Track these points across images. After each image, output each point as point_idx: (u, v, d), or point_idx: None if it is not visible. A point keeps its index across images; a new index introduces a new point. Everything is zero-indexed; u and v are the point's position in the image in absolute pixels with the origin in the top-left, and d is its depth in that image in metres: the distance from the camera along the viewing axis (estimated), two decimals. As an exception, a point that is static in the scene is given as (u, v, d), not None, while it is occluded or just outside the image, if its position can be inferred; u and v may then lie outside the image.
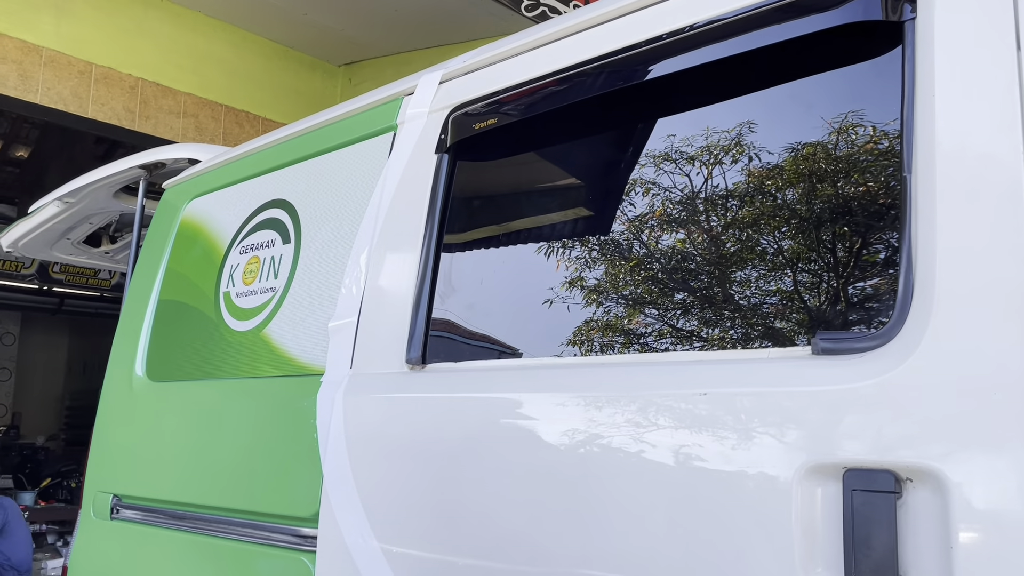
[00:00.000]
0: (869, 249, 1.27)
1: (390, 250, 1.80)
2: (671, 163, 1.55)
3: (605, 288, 1.69)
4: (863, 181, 1.29)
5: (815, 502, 1.07)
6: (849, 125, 1.28)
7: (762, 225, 1.41)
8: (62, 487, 8.89)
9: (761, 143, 1.39)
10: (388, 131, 1.96)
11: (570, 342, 1.74)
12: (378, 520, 1.59)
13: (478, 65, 1.82)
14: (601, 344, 1.74)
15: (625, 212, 1.78)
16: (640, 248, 1.70)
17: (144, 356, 2.46)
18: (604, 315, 1.75)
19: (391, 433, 1.64)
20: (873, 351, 1.08)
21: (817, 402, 1.10)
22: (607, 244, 1.82)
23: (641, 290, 1.69)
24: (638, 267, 1.72)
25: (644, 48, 1.49)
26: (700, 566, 1.15)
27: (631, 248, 1.73)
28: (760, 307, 1.39)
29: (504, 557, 1.39)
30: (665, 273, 1.67)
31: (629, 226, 1.75)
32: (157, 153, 2.89)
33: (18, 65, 4.77)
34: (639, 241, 1.71)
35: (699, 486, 1.18)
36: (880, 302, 1.21)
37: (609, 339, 1.74)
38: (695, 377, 1.24)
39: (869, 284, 1.26)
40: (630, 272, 1.62)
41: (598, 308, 1.77)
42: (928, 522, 0.99)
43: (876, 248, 1.26)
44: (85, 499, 2.46)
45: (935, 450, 1.00)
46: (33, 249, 3.78)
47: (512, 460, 1.42)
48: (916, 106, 1.12)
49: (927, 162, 1.09)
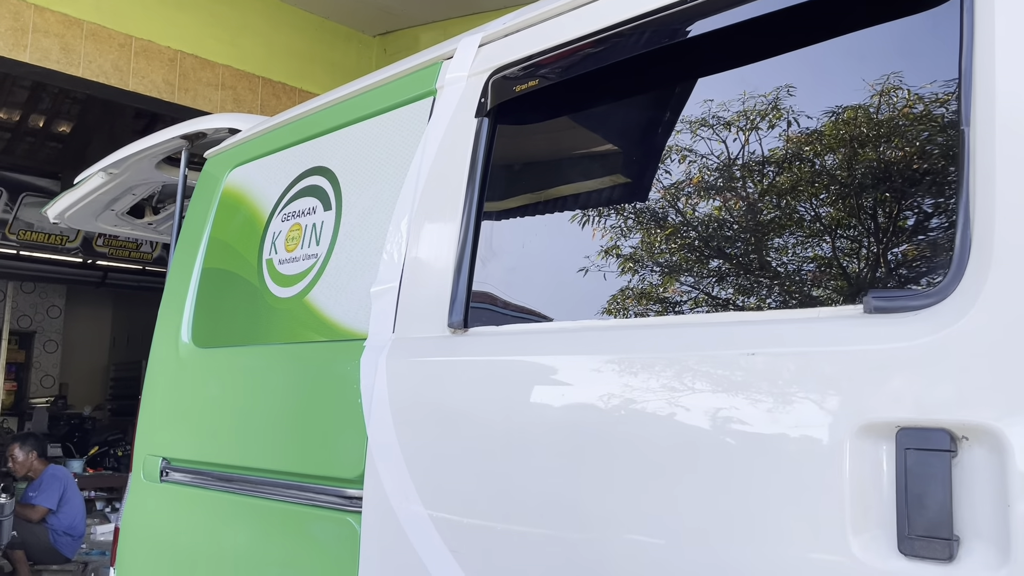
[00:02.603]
0: (924, 205, 1.24)
1: (431, 215, 1.80)
2: (717, 123, 1.52)
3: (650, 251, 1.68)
4: (918, 135, 1.25)
5: (868, 462, 1.05)
6: (905, 78, 1.24)
7: (812, 183, 1.38)
8: (109, 455, 9.14)
9: (813, 101, 1.35)
10: (428, 96, 1.95)
11: (613, 305, 1.73)
12: (421, 482, 1.61)
13: (518, 27, 1.80)
14: (646, 306, 1.73)
15: (668, 174, 1.76)
16: (686, 210, 1.68)
17: (190, 323, 2.50)
18: (649, 277, 1.74)
19: (433, 396, 1.65)
20: (928, 309, 1.06)
21: (868, 361, 1.08)
22: (650, 207, 1.80)
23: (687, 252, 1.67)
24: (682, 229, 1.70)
25: (687, 5, 1.46)
26: (749, 528, 1.15)
27: (676, 210, 1.71)
28: (810, 266, 1.37)
29: (546, 520, 1.39)
30: (713, 235, 1.65)
31: (673, 188, 1.73)
32: (198, 123, 2.92)
33: (60, 39, 4.83)
34: (684, 203, 1.69)
35: (748, 447, 1.17)
36: (935, 259, 1.18)
37: (653, 301, 1.72)
38: (743, 337, 1.22)
39: (924, 241, 1.23)
40: (674, 235, 1.60)
41: (643, 270, 1.75)
42: (984, 481, 0.97)
43: (931, 203, 1.23)
44: (135, 462, 2.52)
45: (992, 408, 0.98)
46: (78, 220, 3.84)
47: (555, 422, 1.42)
48: (975, 56, 1.09)
49: (986, 114, 1.06)
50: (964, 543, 0.98)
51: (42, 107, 7.57)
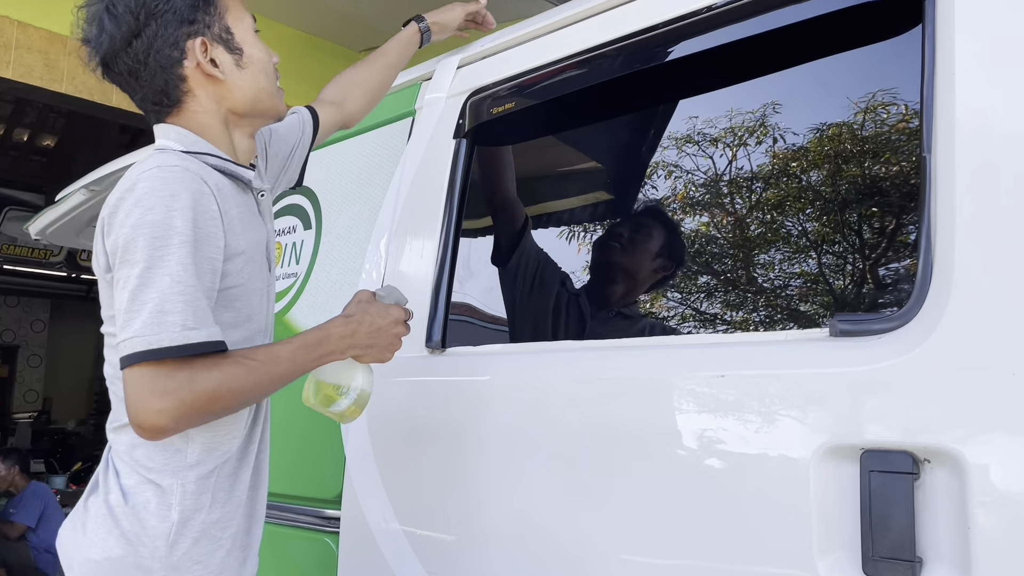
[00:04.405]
0: (887, 230, 1.26)
1: (409, 235, 1.82)
2: (690, 146, 1.54)
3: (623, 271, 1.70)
4: (881, 162, 1.28)
5: (832, 484, 1.07)
6: (868, 105, 1.27)
7: (778, 207, 1.40)
8: (92, 471, 9.05)
9: (780, 125, 1.38)
10: (407, 116, 1.97)
11: (589, 325, 1.74)
12: (399, 502, 1.62)
13: (496, 49, 1.82)
14: (619, 327, 1.75)
15: (643, 196, 1.78)
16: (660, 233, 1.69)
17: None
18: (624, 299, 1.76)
19: (411, 416, 1.66)
20: (891, 333, 1.07)
21: (834, 384, 1.10)
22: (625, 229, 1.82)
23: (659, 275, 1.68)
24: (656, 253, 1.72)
25: (661, 30, 1.48)
26: (716, 549, 1.16)
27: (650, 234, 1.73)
28: (777, 289, 1.39)
29: (524, 541, 1.40)
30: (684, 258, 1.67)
31: (647, 211, 1.75)
32: (180, 141, 2.92)
33: (44, 55, 4.82)
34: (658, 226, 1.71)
35: (715, 468, 1.18)
36: (898, 284, 1.20)
37: (627, 322, 1.74)
38: (712, 359, 1.24)
39: (887, 266, 1.25)
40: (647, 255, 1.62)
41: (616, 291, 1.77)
42: (946, 503, 0.99)
43: (894, 229, 1.25)
44: (114, 482, 2.51)
45: (953, 431, 0.99)
46: (60, 236, 3.84)
47: (533, 443, 1.43)
48: (936, 85, 1.11)
49: (947, 142, 1.08)
50: (927, 564, 0.99)
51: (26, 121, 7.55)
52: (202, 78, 1.33)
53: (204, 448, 1.28)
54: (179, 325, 1.14)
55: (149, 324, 1.13)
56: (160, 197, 1.17)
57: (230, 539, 1.31)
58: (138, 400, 1.14)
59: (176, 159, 1.23)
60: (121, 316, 1.17)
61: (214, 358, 1.17)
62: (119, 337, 1.17)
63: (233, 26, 1.37)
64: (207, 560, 1.27)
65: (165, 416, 1.13)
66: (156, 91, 1.33)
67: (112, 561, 1.23)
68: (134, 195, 1.19)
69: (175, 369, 1.14)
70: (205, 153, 1.31)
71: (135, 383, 1.14)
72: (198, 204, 1.20)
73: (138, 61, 1.30)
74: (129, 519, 1.23)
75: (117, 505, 1.25)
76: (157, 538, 1.23)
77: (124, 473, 1.28)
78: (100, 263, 1.27)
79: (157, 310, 1.14)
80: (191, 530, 1.25)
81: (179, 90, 1.33)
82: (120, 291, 1.18)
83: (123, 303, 1.16)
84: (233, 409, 1.24)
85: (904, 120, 1.26)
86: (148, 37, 1.29)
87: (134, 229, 1.17)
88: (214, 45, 1.34)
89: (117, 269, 1.20)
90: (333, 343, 1.31)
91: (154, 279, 1.15)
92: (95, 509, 1.28)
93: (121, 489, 1.26)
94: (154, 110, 1.35)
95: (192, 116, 1.34)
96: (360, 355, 1.35)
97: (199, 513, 1.26)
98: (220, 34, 1.35)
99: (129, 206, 1.18)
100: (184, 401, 1.13)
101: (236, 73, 1.36)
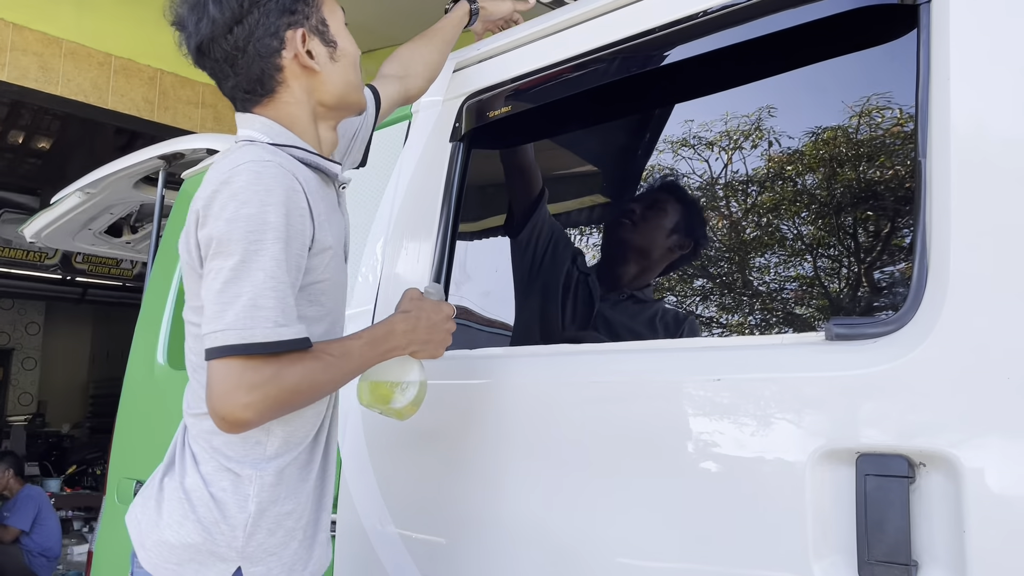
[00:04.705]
0: (883, 234, 1.27)
1: (406, 238, 1.82)
2: (686, 150, 1.55)
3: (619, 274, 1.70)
4: (877, 166, 1.28)
5: (828, 487, 1.07)
6: (864, 110, 1.27)
7: (775, 211, 1.41)
8: (87, 474, 9.03)
9: (776, 129, 1.38)
10: (403, 119, 1.97)
11: (586, 328, 1.74)
12: (395, 505, 1.61)
13: (492, 53, 1.82)
14: (616, 330, 1.75)
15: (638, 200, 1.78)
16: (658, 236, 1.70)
17: (165, 345, 2.49)
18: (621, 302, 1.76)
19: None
20: (887, 336, 1.08)
21: (830, 388, 1.10)
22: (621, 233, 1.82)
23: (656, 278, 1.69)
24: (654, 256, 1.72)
25: (658, 34, 1.49)
26: (712, 552, 1.16)
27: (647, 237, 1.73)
28: (773, 293, 1.39)
29: (518, 544, 1.40)
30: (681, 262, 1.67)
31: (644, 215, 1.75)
32: (176, 144, 2.92)
33: (39, 57, 4.82)
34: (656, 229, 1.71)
35: (711, 472, 1.18)
36: (894, 287, 1.20)
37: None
38: (709, 363, 1.24)
39: (883, 270, 1.25)
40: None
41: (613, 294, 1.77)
42: (941, 507, 0.99)
43: (890, 233, 1.26)
44: (109, 485, 2.50)
45: (948, 435, 1.00)
46: (56, 239, 3.83)
47: (527, 445, 1.43)
48: (931, 90, 1.11)
49: (942, 146, 1.09)
50: (922, 568, 0.99)
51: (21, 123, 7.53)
52: (298, 69, 1.34)
53: (283, 441, 1.30)
54: (271, 321, 1.15)
55: (242, 318, 1.14)
56: (255, 192, 1.18)
57: (302, 530, 1.33)
58: (224, 392, 1.14)
59: (268, 153, 1.23)
60: (211, 306, 1.17)
61: (298, 353, 1.19)
62: (205, 328, 1.17)
63: (328, 18, 1.38)
64: (280, 551, 1.29)
65: (251, 410, 1.14)
66: (251, 79, 1.32)
67: (189, 547, 1.24)
68: (229, 188, 1.18)
69: (263, 364, 1.15)
70: (292, 146, 1.31)
71: (222, 375, 1.14)
72: (290, 200, 1.20)
73: (237, 48, 1.30)
74: (207, 506, 1.25)
75: (194, 490, 1.26)
76: (235, 528, 1.24)
77: (202, 459, 1.28)
78: (192, 255, 1.26)
79: (250, 304, 1.14)
80: (266, 521, 1.27)
81: (274, 80, 1.33)
82: (211, 281, 1.18)
83: (213, 293, 1.17)
84: (309, 403, 1.26)
85: (899, 124, 1.27)
86: (250, 24, 1.29)
87: (229, 223, 1.17)
88: (311, 37, 1.35)
89: (209, 260, 1.20)
90: (397, 339, 1.33)
91: (248, 273, 1.15)
92: (170, 490, 1.29)
93: (200, 475, 1.27)
94: (244, 98, 1.35)
95: (283, 107, 1.34)
96: (417, 351, 1.37)
97: (275, 505, 1.28)
98: (317, 26, 1.36)
99: (224, 199, 1.18)
100: (269, 396, 1.15)
101: (329, 66, 1.37)
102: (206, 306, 1.18)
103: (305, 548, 1.34)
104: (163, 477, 1.32)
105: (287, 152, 1.28)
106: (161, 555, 1.26)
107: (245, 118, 1.35)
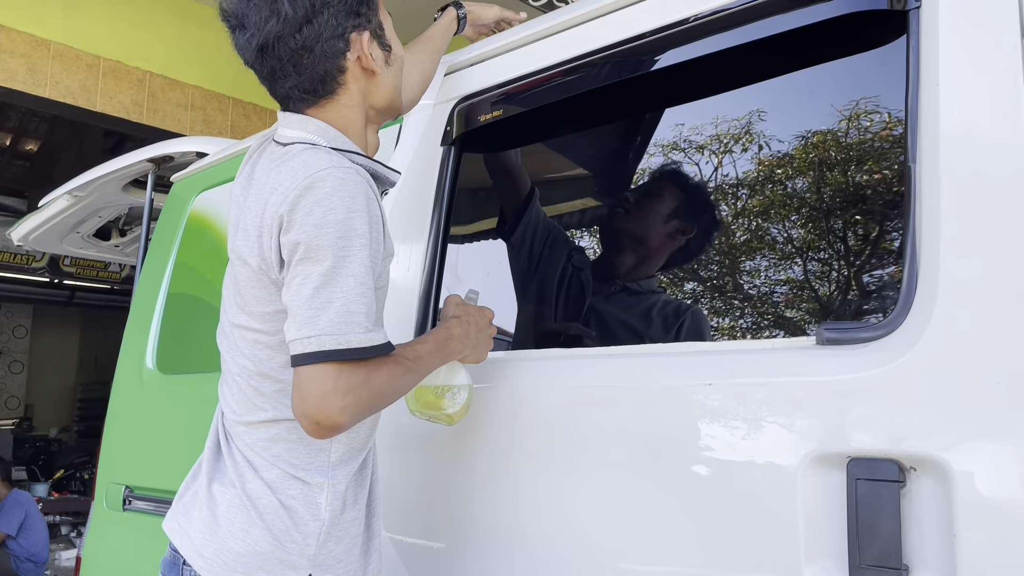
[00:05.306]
0: (873, 239, 1.27)
1: (397, 242, 1.81)
2: (677, 154, 1.55)
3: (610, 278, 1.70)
4: (867, 171, 1.29)
5: (819, 491, 1.07)
6: (854, 115, 1.28)
7: (765, 215, 1.41)
8: (75, 479, 8.97)
9: (766, 133, 1.39)
10: (394, 123, 1.96)
11: (577, 332, 1.74)
12: (387, 510, 1.61)
13: (483, 57, 1.82)
14: (608, 334, 1.75)
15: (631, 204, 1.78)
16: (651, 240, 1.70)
17: (154, 349, 2.47)
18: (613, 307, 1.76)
19: (398, 424, 1.65)
20: (877, 341, 1.08)
21: (821, 392, 1.10)
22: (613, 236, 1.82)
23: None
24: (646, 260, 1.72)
25: (649, 38, 1.49)
26: (703, 556, 1.16)
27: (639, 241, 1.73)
28: (764, 297, 1.40)
29: (510, 549, 1.40)
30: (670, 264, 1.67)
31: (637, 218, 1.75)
32: (165, 147, 2.91)
33: (27, 59, 4.79)
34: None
35: (703, 476, 1.18)
36: (884, 292, 1.21)
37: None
38: (700, 367, 1.24)
39: (873, 274, 1.26)
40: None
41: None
42: (932, 511, 1.00)
43: (880, 238, 1.26)
44: (98, 491, 2.49)
45: (939, 439, 1.00)
46: (44, 243, 3.80)
47: (519, 450, 1.43)
48: (920, 95, 1.12)
49: (931, 151, 1.09)
50: (913, 572, 1.00)
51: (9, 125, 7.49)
52: (359, 71, 1.34)
53: (345, 447, 1.30)
54: (363, 327, 1.16)
55: (337, 323, 1.14)
56: (341, 198, 1.18)
57: (361, 536, 1.33)
58: (320, 396, 1.14)
59: (344, 160, 1.24)
60: (301, 311, 1.16)
61: (382, 358, 1.20)
62: (294, 333, 1.16)
63: (384, 22, 1.39)
64: (346, 558, 1.29)
65: (347, 413, 1.15)
66: (314, 79, 1.32)
67: (257, 555, 1.23)
68: (314, 194, 1.18)
69: (356, 368, 1.16)
70: (349, 151, 1.30)
71: (318, 380, 1.14)
72: (370, 207, 1.21)
73: (305, 47, 1.29)
74: (276, 514, 1.24)
75: (260, 497, 1.25)
76: (308, 536, 1.25)
77: (261, 466, 1.27)
78: (267, 259, 1.24)
79: (344, 310, 1.15)
80: (336, 529, 1.27)
81: (336, 81, 1.33)
82: (299, 287, 1.17)
83: (303, 299, 1.16)
84: (387, 405, 1.26)
85: (889, 129, 1.27)
86: (319, 24, 1.28)
87: (317, 228, 1.16)
88: (372, 40, 1.35)
89: (296, 265, 1.19)
90: (455, 344, 1.36)
91: (339, 279, 1.16)
92: (228, 497, 1.27)
93: (263, 481, 1.26)
94: (301, 98, 1.34)
95: (341, 109, 1.34)
96: (467, 356, 1.39)
97: (344, 512, 1.29)
98: (376, 29, 1.36)
99: (310, 204, 1.18)
100: (362, 399, 1.16)
101: (385, 69, 1.38)
102: (293, 311, 1.18)
103: (363, 554, 1.34)
104: (210, 484, 1.31)
105: (348, 157, 1.27)
106: (225, 563, 1.24)
107: (297, 119, 1.34)
